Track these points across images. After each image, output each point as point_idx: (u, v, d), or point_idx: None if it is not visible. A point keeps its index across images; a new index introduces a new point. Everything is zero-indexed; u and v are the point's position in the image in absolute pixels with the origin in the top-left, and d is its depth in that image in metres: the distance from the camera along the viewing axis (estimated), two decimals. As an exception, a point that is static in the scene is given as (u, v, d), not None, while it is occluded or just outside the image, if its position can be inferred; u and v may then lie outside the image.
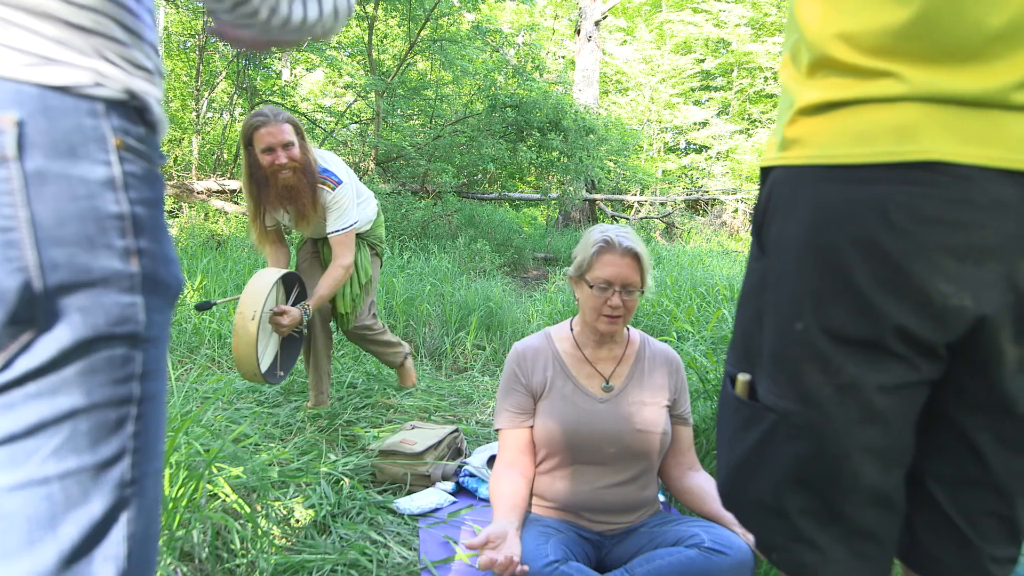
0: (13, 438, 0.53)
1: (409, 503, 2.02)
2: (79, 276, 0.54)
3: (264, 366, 2.29)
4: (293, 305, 2.50)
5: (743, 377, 0.82)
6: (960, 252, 0.66)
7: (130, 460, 0.59)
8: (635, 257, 1.59)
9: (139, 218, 0.58)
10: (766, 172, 0.80)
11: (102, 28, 0.57)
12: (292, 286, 2.56)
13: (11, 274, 0.51)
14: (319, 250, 2.82)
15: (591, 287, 1.60)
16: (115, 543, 0.58)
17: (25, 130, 0.52)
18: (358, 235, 2.76)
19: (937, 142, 0.65)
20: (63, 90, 0.54)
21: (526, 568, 1.30)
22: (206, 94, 10.12)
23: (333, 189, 2.51)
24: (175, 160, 10.27)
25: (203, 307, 2.51)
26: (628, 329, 1.75)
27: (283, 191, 2.43)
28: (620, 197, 11.96)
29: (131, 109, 0.59)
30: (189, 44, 11.05)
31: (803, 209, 0.72)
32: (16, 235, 0.51)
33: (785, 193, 0.76)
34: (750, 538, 1.45)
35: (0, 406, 0.52)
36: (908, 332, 0.68)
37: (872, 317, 0.69)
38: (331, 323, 2.85)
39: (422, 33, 8.79)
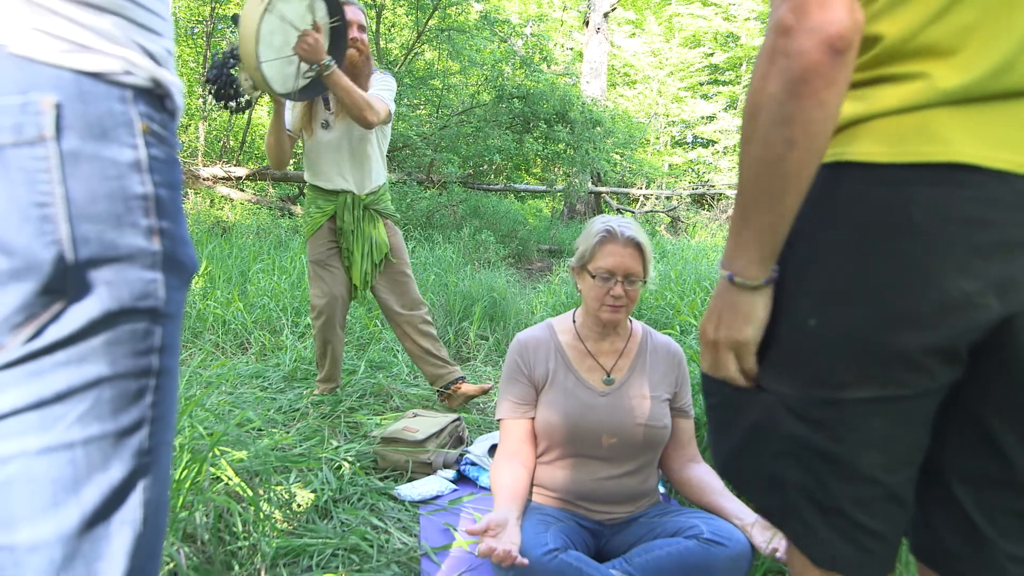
0: (42, 403, 0.56)
1: (410, 490, 2.03)
2: (107, 251, 0.57)
3: (266, 68, 2.13)
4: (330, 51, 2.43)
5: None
6: (986, 250, 0.65)
7: (148, 429, 0.62)
8: (637, 247, 1.60)
9: (161, 199, 0.62)
10: None
11: (135, 18, 0.61)
12: (334, 17, 2.43)
13: (46, 246, 0.54)
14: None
15: (593, 277, 1.60)
16: (132, 508, 0.61)
17: (62, 112, 0.55)
18: (370, 208, 2.75)
19: (965, 144, 0.65)
20: (96, 76, 0.58)
21: (525, 561, 1.31)
22: (213, 80, 10.09)
23: (383, 75, 2.69)
24: (182, 146, 10.27)
25: (236, 19, 2.24)
26: (631, 321, 1.75)
27: (347, 68, 2.51)
28: (626, 190, 11.93)
29: (155, 97, 0.63)
30: (196, 30, 11.04)
31: (824, 206, 0.72)
32: (52, 210, 0.54)
33: (810, 189, 0.75)
34: (748, 530, 1.45)
35: (30, 373, 0.55)
36: (927, 335, 0.68)
37: (889, 318, 0.68)
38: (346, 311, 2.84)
39: (430, 22, 8.76)
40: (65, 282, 0.55)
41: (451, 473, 2.19)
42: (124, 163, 0.58)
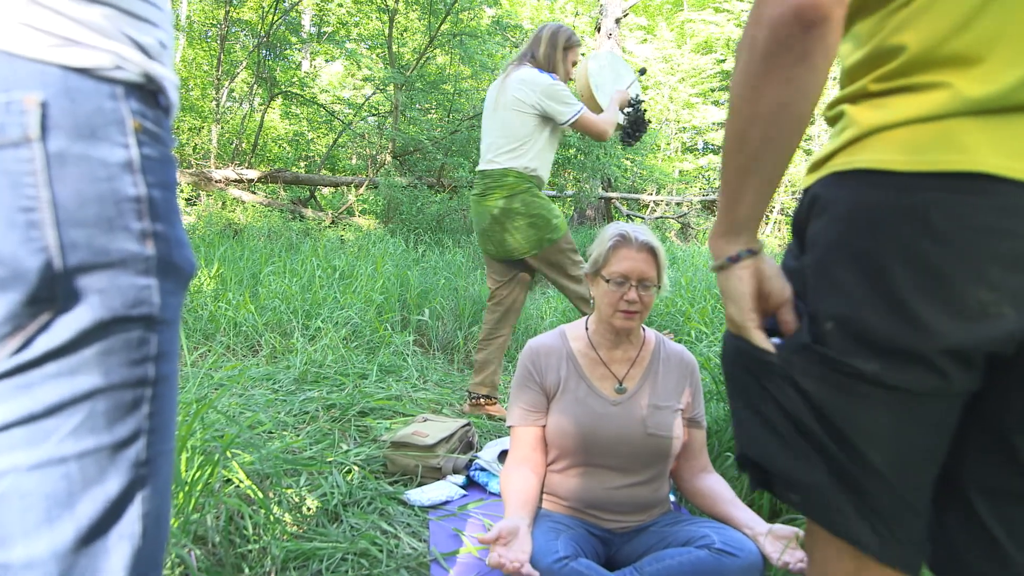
0: (32, 418, 0.54)
1: (420, 495, 2.03)
2: (97, 257, 0.55)
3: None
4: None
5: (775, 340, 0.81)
6: (1007, 260, 0.64)
7: (145, 440, 0.60)
8: (651, 252, 1.60)
9: (155, 201, 0.59)
10: (812, 176, 0.80)
11: (128, 8, 0.58)
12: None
13: (33, 254, 0.51)
14: None
15: (607, 282, 1.60)
16: (130, 521, 0.59)
17: (48, 111, 0.52)
18: None
19: (987, 154, 0.65)
20: (85, 72, 0.54)
21: (536, 573, 1.30)
22: (226, 83, 10.18)
23: None
24: (194, 148, 10.35)
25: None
26: (644, 329, 1.75)
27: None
28: (636, 196, 11.92)
29: (147, 92, 0.60)
30: (211, 33, 11.13)
31: (844, 212, 0.72)
32: (38, 215, 0.51)
33: (827, 196, 0.75)
34: (760, 540, 1.44)
35: (19, 386, 0.53)
36: (943, 340, 0.67)
37: (906, 325, 0.68)
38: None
39: (442, 27, 8.79)
40: (53, 291, 0.53)
41: (461, 478, 2.19)
42: (115, 164, 0.55)
